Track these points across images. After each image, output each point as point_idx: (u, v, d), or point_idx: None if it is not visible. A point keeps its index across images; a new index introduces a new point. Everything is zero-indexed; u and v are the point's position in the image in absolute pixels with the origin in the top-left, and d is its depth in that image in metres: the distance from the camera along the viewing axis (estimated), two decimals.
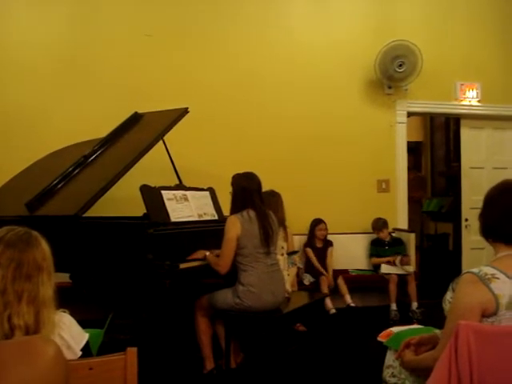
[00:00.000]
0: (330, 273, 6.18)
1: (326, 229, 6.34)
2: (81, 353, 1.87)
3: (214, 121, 6.28)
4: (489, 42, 7.15)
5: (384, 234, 6.48)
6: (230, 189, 4.18)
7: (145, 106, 5.23)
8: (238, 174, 4.18)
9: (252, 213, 4.01)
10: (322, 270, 6.13)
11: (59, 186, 4.38)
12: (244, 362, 4.30)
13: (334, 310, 5.99)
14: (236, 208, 4.07)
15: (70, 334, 1.86)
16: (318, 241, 6.33)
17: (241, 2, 6.56)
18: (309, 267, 6.25)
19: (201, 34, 6.41)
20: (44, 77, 6.02)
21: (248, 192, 4.06)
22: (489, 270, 2.06)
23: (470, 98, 7.13)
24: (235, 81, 6.43)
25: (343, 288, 6.15)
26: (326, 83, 6.69)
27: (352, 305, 6.08)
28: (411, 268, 6.26)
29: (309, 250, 6.29)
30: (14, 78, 5.96)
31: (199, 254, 4.11)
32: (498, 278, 2.02)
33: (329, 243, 6.36)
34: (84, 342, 1.91)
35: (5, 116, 5.89)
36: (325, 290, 5.93)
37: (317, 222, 6.34)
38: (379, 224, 6.49)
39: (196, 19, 6.40)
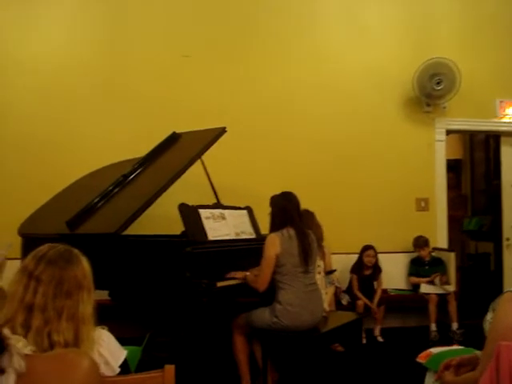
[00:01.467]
0: (376, 302, 6.08)
1: (375, 256, 6.21)
2: (119, 369, 1.88)
3: (251, 140, 6.32)
4: None
5: (425, 253, 6.40)
6: (267, 208, 4.18)
7: (182, 125, 5.27)
8: (276, 195, 4.19)
9: (292, 231, 4.00)
10: (363, 298, 6.03)
11: (99, 204, 4.43)
12: (280, 382, 4.26)
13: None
14: (275, 227, 4.07)
15: (108, 350, 1.88)
16: (366, 267, 6.22)
17: (278, 24, 6.60)
18: (350, 289, 6.21)
19: (238, 55, 6.49)
20: (81, 97, 6.15)
21: (287, 211, 4.07)
22: None
23: (510, 115, 7.04)
24: (273, 99, 6.47)
25: (379, 318, 6.08)
26: (363, 102, 6.69)
27: (380, 340, 6.01)
28: (451, 287, 6.16)
29: (353, 277, 6.20)
30: (49, 99, 6.10)
31: (239, 274, 4.11)
32: None
33: (378, 270, 6.25)
34: (122, 359, 1.92)
35: (41, 137, 6.02)
36: (360, 311, 5.87)
37: (365, 248, 6.24)
38: (420, 242, 6.42)
39: (233, 41, 6.49)
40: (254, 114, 6.39)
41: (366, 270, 6.22)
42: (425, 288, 6.23)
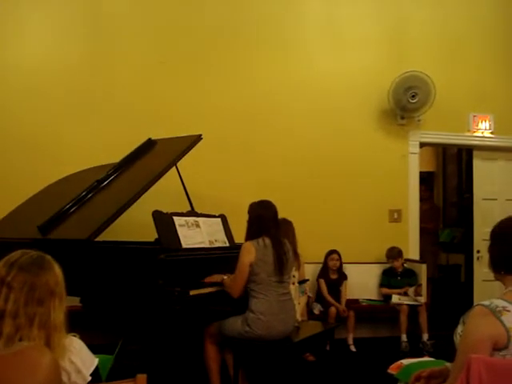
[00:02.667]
0: (343, 304, 6.14)
1: (339, 259, 6.29)
2: (90, 378, 1.87)
3: (227, 147, 6.32)
4: (502, 74, 7.18)
5: (398, 264, 6.45)
6: (241, 216, 4.18)
7: (158, 131, 5.25)
8: (254, 203, 4.18)
9: (267, 240, 3.99)
10: (333, 301, 6.09)
11: (72, 209, 4.39)
12: None
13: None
14: (251, 235, 4.06)
15: (80, 358, 1.86)
16: (331, 272, 6.28)
17: (256, 30, 6.62)
18: (320, 297, 6.23)
19: (215, 61, 6.48)
20: (58, 103, 6.08)
21: (264, 220, 4.06)
22: (500, 303, 2.04)
23: (482, 130, 7.14)
24: (248, 107, 6.48)
25: (350, 326, 6.11)
26: (339, 113, 6.73)
27: (352, 349, 6.04)
28: (422, 299, 6.21)
29: (321, 282, 6.26)
30: (28, 103, 6.01)
31: (217, 277, 4.12)
32: (509, 311, 2.01)
33: (343, 276, 6.33)
34: (94, 367, 1.90)
35: (19, 141, 5.93)
36: (332, 320, 5.90)
37: (329, 253, 6.31)
38: (394, 253, 6.47)
39: (211, 46, 6.48)
40: (230, 122, 6.38)
41: (331, 275, 6.29)
42: (396, 299, 6.26)
